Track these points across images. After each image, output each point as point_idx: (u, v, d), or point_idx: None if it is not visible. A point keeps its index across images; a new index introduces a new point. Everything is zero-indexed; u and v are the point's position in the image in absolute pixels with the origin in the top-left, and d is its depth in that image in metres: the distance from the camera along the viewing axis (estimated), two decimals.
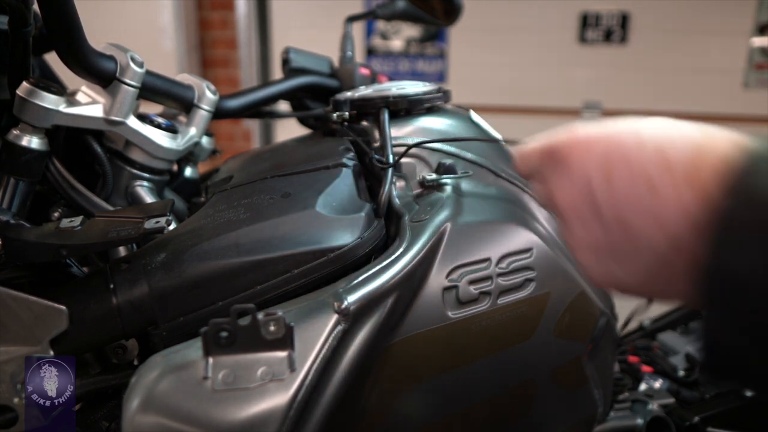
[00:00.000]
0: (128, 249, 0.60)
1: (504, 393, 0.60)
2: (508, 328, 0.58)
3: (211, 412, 0.42)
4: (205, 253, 0.49)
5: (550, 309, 0.60)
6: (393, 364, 0.53)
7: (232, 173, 0.67)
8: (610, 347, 0.71)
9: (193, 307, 0.48)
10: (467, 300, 0.55)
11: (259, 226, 0.51)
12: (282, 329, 0.43)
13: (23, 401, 0.45)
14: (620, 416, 0.85)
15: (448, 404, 0.57)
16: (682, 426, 0.86)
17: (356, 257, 0.53)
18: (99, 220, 0.49)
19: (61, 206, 0.61)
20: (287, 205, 0.54)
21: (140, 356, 0.52)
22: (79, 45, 0.54)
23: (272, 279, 0.50)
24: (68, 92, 0.59)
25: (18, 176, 0.55)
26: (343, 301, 0.47)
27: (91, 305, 0.47)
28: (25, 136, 0.54)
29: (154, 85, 0.64)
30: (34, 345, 0.45)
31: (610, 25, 2.81)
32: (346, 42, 0.95)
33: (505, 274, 0.57)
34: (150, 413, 0.41)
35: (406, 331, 0.53)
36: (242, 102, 0.78)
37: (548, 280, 0.59)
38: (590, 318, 0.64)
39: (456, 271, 0.55)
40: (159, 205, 0.52)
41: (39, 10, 0.52)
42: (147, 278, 0.48)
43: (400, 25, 2.93)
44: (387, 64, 3.03)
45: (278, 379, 0.43)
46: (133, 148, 0.63)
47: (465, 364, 0.56)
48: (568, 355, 0.63)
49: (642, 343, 1.08)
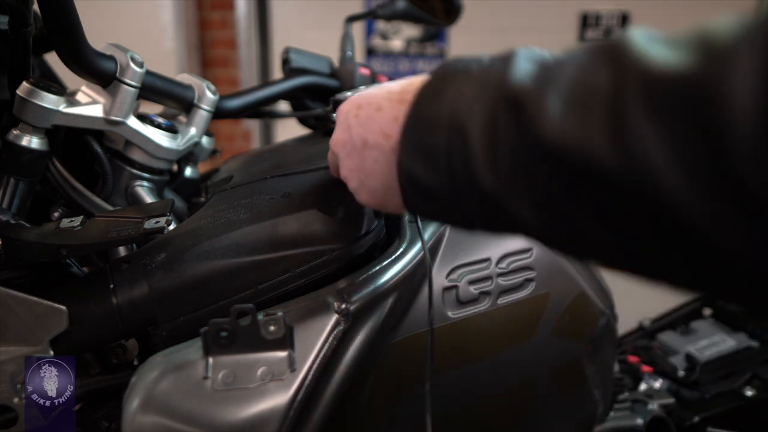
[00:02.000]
0: (128, 249, 0.60)
1: (504, 393, 0.60)
2: (508, 328, 0.58)
3: (211, 412, 0.42)
4: (205, 253, 0.49)
5: (550, 309, 0.60)
6: (393, 364, 0.53)
7: (232, 173, 0.67)
8: (610, 347, 0.71)
9: (193, 307, 0.48)
10: (467, 300, 0.55)
11: (259, 226, 0.51)
12: (282, 329, 0.44)
13: (23, 401, 0.45)
14: (620, 416, 0.85)
15: (448, 404, 0.57)
16: (682, 426, 0.86)
17: (356, 257, 0.53)
18: (99, 220, 0.49)
19: (61, 206, 0.61)
20: (287, 205, 0.54)
21: (140, 356, 0.52)
22: (79, 45, 0.54)
23: (272, 279, 0.50)
24: (68, 92, 0.59)
25: (18, 176, 0.55)
26: (343, 301, 0.47)
27: (91, 305, 0.47)
28: (25, 136, 0.54)
29: (154, 85, 0.64)
30: (34, 345, 0.45)
31: (610, 25, 2.81)
32: (346, 42, 0.95)
33: (505, 274, 0.57)
34: (150, 413, 0.41)
35: (406, 331, 0.53)
36: (242, 102, 0.78)
37: (548, 280, 0.59)
38: (590, 318, 0.64)
39: (456, 271, 0.55)
40: (159, 205, 0.52)
41: (39, 10, 0.52)
42: (147, 278, 0.48)
43: (400, 25, 2.93)
44: (387, 64, 3.03)
45: (278, 379, 0.43)
46: (133, 148, 0.63)
47: (465, 364, 0.56)
48: (568, 355, 0.63)
49: (642, 343, 1.08)
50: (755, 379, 0.94)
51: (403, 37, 3.00)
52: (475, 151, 0.33)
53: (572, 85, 0.29)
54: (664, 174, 0.24)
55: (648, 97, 0.25)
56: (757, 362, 0.98)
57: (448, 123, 0.35)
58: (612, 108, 0.26)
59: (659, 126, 0.25)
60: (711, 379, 0.95)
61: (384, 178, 0.42)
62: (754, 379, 0.94)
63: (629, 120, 0.25)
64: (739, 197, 0.23)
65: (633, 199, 0.26)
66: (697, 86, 0.24)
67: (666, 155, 0.24)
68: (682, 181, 0.24)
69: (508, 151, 0.31)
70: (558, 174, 0.29)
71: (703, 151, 0.23)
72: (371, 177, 0.43)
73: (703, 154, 0.23)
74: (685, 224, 0.25)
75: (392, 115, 0.41)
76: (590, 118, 0.27)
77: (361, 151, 0.43)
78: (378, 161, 0.42)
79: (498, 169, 0.32)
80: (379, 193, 0.44)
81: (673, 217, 0.25)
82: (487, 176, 0.33)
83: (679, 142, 0.24)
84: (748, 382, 0.93)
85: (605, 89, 0.27)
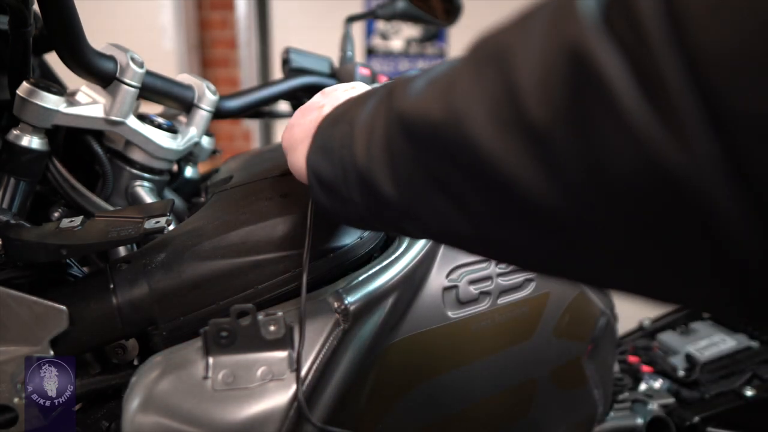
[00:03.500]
0: (128, 249, 0.60)
1: (504, 393, 0.60)
2: (507, 328, 0.58)
3: (211, 412, 0.42)
4: (205, 253, 0.49)
5: (550, 309, 0.60)
6: (393, 364, 0.53)
7: (232, 173, 0.67)
8: (610, 347, 0.71)
9: (193, 307, 0.48)
10: (467, 300, 0.55)
11: (259, 226, 0.51)
12: (282, 329, 0.44)
13: (23, 401, 0.45)
14: (620, 416, 0.85)
15: (448, 404, 0.57)
16: (682, 426, 0.86)
17: (356, 257, 0.53)
18: (99, 220, 0.49)
19: (61, 206, 0.61)
20: (287, 205, 0.54)
21: (140, 356, 0.52)
22: (79, 45, 0.54)
23: (272, 279, 0.50)
24: (68, 92, 0.59)
25: (18, 176, 0.55)
26: (343, 301, 0.47)
27: (91, 305, 0.47)
28: (25, 136, 0.54)
29: (154, 85, 0.64)
30: (34, 345, 0.45)
31: None
32: (346, 42, 0.95)
33: (505, 274, 0.57)
34: (150, 413, 0.41)
35: (406, 331, 0.53)
36: (242, 102, 0.78)
37: (548, 280, 0.59)
38: (590, 318, 0.64)
39: (456, 271, 0.55)
40: (159, 205, 0.52)
41: (39, 10, 0.52)
42: (147, 278, 0.48)
43: (400, 25, 2.92)
44: (387, 64, 3.03)
45: (278, 379, 0.43)
46: (133, 148, 0.63)
47: (465, 364, 0.56)
48: (568, 355, 0.63)
49: (642, 343, 1.08)
50: (755, 379, 0.94)
51: (403, 37, 3.00)
52: (356, 136, 0.36)
53: (436, 73, 0.31)
54: (472, 118, 0.26)
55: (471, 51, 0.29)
56: (757, 362, 0.98)
57: (343, 118, 0.39)
58: (449, 78, 0.29)
59: (473, 77, 0.27)
60: (711, 379, 0.96)
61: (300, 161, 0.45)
62: (754, 379, 0.94)
63: (457, 83, 0.28)
64: (531, 136, 0.24)
65: (457, 156, 0.28)
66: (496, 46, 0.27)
67: (475, 101, 0.26)
68: (487, 123, 0.26)
69: (380, 130, 0.34)
70: (408, 143, 0.31)
71: (501, 96, 0.25)
72: (298, 149, 0.46)
73: (502, 98, 0.25)
74: (489, 162, 0.26)
75: (324, 108, 0.45)
76: (434, 87, 0.30)
77: (300, 125, 0.46)
78: (306, 133, 0.45)
79: (370, 146, 0.35)
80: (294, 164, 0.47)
81: (480, 161, 0.26)
82: (360, 154, 0.35)
83: (486, 92, 0.26)
84: (748, 382, 0.94)
85: (458, 67, 0.29)
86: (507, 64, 0.25)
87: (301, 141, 0.45)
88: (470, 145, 0.27)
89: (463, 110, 0.27)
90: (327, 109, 0.44)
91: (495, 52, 0.26)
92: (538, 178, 0.24)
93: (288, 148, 0.48)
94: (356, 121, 0.37)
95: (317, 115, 0.44)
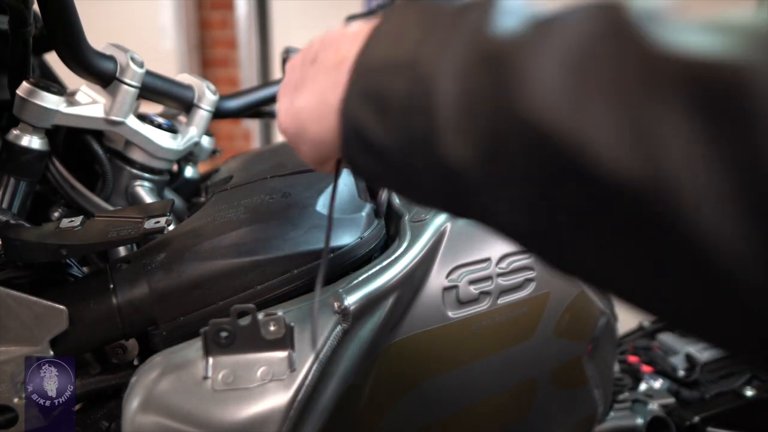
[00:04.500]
0: (128, 249, 0.60)
1: (504, 393, 0.60)
2: (508, 328, 0.58)
3: (211, 412, 0.42)
4: (205, 253, 0.49)
5: (550, 309, 0.60)
6: (393, 364, 0.53)
7: (232, 173, 0.67)
8: (610, 347, 0.71)
9: (193, 307, 0.48)
10: (467, 300, 0.55)
11: (259, 226, 0.51)
12: (282, 329, 0.44)
13: (23, 401, 0.45)
14: (620, 416, 0.85)
15: (448, 404, 0.57)
16: (682, 426, 0.86)
17: (356, 257, 0.53)
18: (99, 220, 0.49)
19: (61, 206, 0.61)
20: (287, 205, 0.54)
21: (140, 356, 0.52)
22: (79, 45, 0.54)
23: (272, 279, 0.50)
24: (68, 92, 0.59)
25: (18, 176, 0.55)
26: (343, 301, 0.47)
27: (91, 305, 0.47)
28: (25, 136, 0.54)
29: (154, 85, 0.64)
30: (34, 345, 0.45)
31: None
32: None
33: (505, 274, 0.57)
34: (150, 413, 0.41)
35: (406, 331, 0.53)
36: (242, 102, 0.78)
37: (548, 280, 0.59)
38: (590, 318, 0.64)
39: (456, 271, 0.55)
40: (159, 205, 0.52)
41: (39, 10, 0.52)
42: (147, 278, 0.48)
43: None
44: None
45: (278, 379, 0.43)
46: (133, 148, 0.63)
47: (465, 364, 0.56)
48: (568, 355, 0.63)
49: (642, 343, 1.08)
50: (755, 379, 0.94)
51: None
52: (442, 113, 0.26)
53: (569, 48, 0.22)
54: (689, 186, 0.19)
55: (683, 88, 0.19)
56: None
57: (408, 70, 0.28)
58: (622, 90, 0.21)
59: (694, 124, 0.19)
60: (711, 379, 0.95)
61: (323, 87, 0.36)
62: (754, 379, 0.94)
63: (648, 112, 0.20)
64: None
65: (647, 215, 0.20)
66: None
67: (696, 163, 0.19)
68: (717, 202, 0.18)
69: (487, 124, 0.24)
70: (545, 163, 0.22)
71: (748, 164, 0.17)
72: (306, 89, 0.37)
73: (748, 168, 0.17)
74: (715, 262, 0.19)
75: (354, 40, 0.34)
76: (590, 97, 0.21)
77: (309, 65, 0.38)
78: (320, 74, 0.36)
79: (475, 142, 0.25)
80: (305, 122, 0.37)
81: (700, 250, 0.19)
82: (457, 150, 0.25)
83: (719, 147, 0.18)
84: (748, 382, 0.94)
85: (614, 65, 0.21)
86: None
87: (322, 83, 0.35)
88: (678, 221, 0.19)
89: (674, 169, 0.19)
90: (348, 46, 0.34)
91: (739, 106, 0.18)
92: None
93: (296, 88, 0.38)
94: (434, 84, 0.26)
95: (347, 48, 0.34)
